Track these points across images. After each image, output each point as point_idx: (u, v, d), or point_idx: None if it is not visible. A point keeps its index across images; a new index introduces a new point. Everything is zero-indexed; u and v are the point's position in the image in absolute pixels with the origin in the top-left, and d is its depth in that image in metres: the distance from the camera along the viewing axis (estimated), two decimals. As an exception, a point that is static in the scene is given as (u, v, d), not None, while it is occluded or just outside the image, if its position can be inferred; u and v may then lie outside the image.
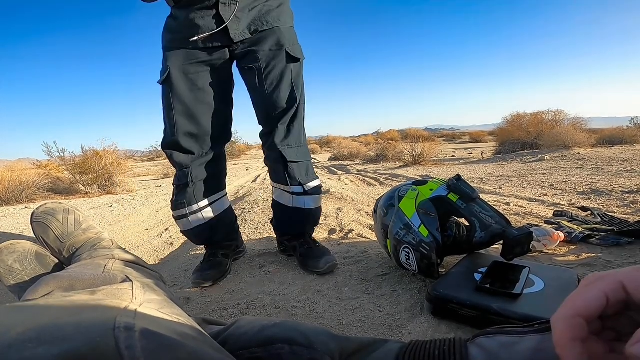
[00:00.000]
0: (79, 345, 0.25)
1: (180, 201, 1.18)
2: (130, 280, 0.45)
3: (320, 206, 1.31)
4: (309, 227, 1.30)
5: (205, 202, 1.21)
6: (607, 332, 0.28)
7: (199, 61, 1.11)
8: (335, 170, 6.95)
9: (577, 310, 0.26)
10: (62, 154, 5.70)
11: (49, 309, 0.31)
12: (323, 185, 3.57)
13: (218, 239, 1.26)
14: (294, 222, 1.27)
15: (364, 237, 1.57)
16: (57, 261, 0.83)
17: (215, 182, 1.23)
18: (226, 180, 1.33)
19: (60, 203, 0.90)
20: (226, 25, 1.07)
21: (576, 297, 0.27)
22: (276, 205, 1.30)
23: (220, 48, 1.12)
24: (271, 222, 1.38)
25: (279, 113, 1.16)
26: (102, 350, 0.25)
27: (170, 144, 1.15)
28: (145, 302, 0.36)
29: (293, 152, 1.19)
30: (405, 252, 0.96)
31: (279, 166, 1.21)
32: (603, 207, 1.85)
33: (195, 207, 1.19)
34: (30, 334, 0.26)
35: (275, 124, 1.17)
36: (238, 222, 1.41)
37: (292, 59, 1.16)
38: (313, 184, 1.24)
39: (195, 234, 1.22)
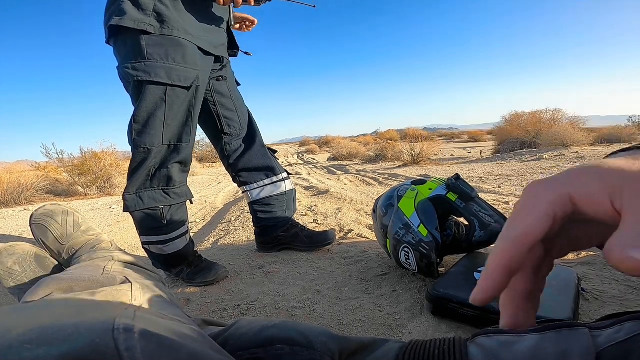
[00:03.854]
0: (79, 346, 0.25)
1: (181, 219, 1.15)
2: (130, 282, 0.45)
3: None
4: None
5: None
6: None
7: (208, 65, 1.12)
8: (335, 170, 6.95)
9: (526, 234, 0.23)
10: (60, 156, 5.70)
11: (48, 310, 0.31)
12: (322, 185, 3.57)
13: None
14: (292, 204, 1.42)
15: (364, 237, 1.57)
16: (56, 263, 0.83)
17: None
18: (225, 181, 1.37)
19: (59, 205, 0.90)
20: (231, 43, 1.20)
21: (524, 216, 0.24)
22: (271, 199, 1.36)
23: (216, 59, 1.16)
24: (261, 225, 1.40)
25: (248, 118, 1.34)
26: (101, 351, 0.25)
27: (184, 155, 1.08)
28: (145, 303, 0.36)
29: None
30: (405, 251, 0.96)
31: (268, 160, 1.34)
32: (602, 205, 1.85)
33: (187, 224, 1.20)
34: (30, 335, 0.26)
35: (252, 127, 1.34)
36: (238, 222, 1.44)
37: (237, 83, 1.37)
38: None
39: (187, 251, 1.19)
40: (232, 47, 1.25)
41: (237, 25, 1.28)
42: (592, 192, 0.22)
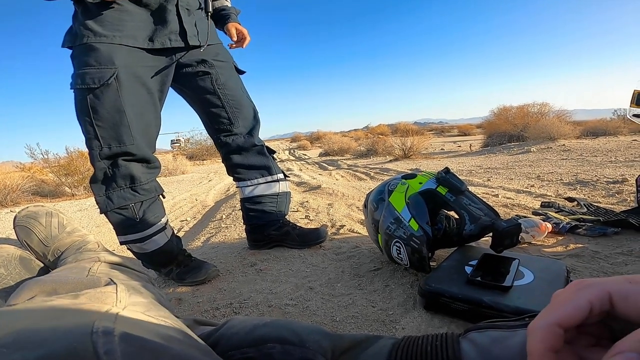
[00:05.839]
0: (56, 350, 0.24)
1: (156, 214, 1.12)
2: (115, 283, 0.43)
3: None
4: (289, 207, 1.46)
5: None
6: (582, 337, 0.27)
7: (148, 61, 1.07)
8: (326, 165, 6.96)
9: (558, 319, 0.25)
10: (45, 156, 5.60)
11: (28, 313, 0.30)
12: (314, 180, 3.57)
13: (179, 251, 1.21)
14: (284, 206, 1.39)
15: (356, 232, 1.57)
16: (42, 265, 0.81)
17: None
18: (216, 178, 1.34)
19: (42, 206, 0.88)
20: (184, 29, 1.10)
21: (559, 304, 0.26)
22: (263, 198, 1.35)
23: (171, 51, 1.11)
24: (251, 223, 1.39)
25: (248, 114, 1.29)
26: (79, 355, 0.24)
27: (140, 155, 1.06)
28: (130, 304, 0.35)
29: None
30: (397, 246, 0.96)
31: (264, 159, 1.33)
32: (589, 197, 1.88)
33: (164, 219, 1.16)
34: (6, 339, 0.25)
35: (249, 124, 1.29)
36: (230, 219, 1.42)
37: (239, 71, 1.32)
38: None
39: (172, 248, 1.17)
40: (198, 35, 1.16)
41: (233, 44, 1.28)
42: (629, 294, 0.24)
